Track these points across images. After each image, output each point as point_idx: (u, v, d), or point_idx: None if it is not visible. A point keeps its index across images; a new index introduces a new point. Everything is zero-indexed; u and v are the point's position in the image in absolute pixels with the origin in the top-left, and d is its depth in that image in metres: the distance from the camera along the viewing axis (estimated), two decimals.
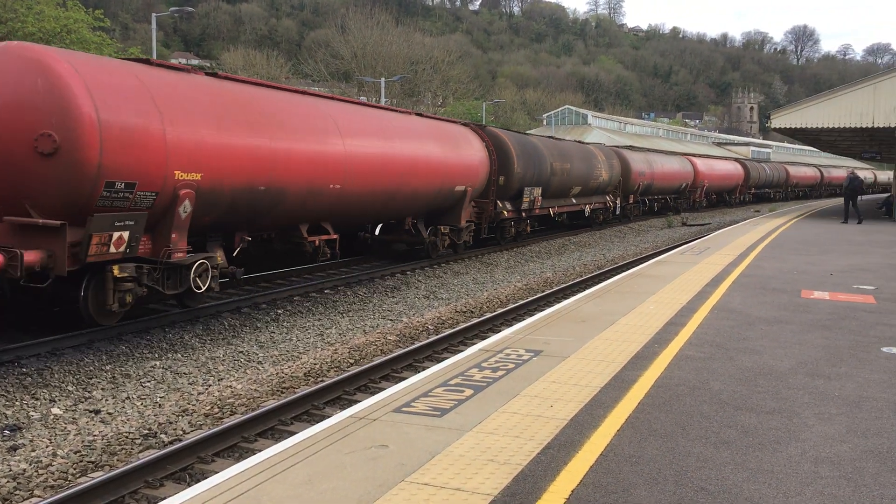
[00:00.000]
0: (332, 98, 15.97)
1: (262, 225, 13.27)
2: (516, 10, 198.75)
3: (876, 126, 29.90)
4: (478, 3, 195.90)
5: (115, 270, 10.08)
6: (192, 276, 11.08)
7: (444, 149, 18.40)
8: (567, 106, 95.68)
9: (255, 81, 14.27)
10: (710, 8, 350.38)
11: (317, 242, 14.56)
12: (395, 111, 18.74)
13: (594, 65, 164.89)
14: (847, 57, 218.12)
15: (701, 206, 47.62)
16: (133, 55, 37.51)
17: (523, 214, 24.00)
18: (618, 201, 33.72)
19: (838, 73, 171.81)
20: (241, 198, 11.86)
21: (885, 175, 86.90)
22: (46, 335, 10.21)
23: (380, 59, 62.54)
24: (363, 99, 57.11)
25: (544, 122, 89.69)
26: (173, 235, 10.71)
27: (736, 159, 61.92)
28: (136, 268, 10.35)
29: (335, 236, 15.04)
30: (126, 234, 9.91)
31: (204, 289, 11.33)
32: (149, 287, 10.63)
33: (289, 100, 13.70)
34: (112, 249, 9.80)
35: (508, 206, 22.81)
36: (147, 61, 11.71)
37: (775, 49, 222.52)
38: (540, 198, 24.63)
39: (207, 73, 12.75)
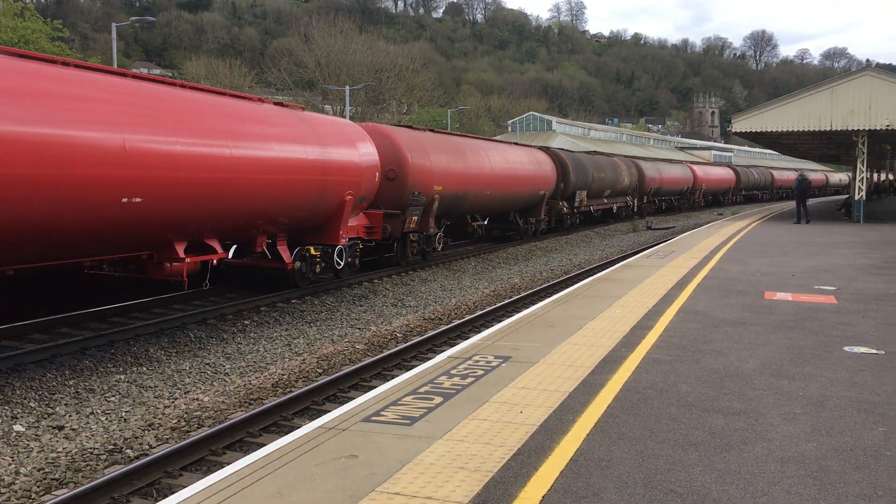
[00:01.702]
0: (480, 138, 27.94)
1: (452, 215, 22.56)
2: (479, 17, 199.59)
3: (834, 129, 30.49)
4: (441, 10, 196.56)
5: (412, 237, 19.88)
6: (436, 241, 21.21)
7: (533, 165, 27.78)
8: (531, 112, 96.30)
9: (452, 133, 26.26)
10: (671, 14, 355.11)
11: (475, 225, 24.43)
12: (505, 143, 28.64)
13: (557, 71, 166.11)
14: (805, 61, 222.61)
15: (699, 206, 56.26)
16: (94, 64, 36.99)
17: (574, 210, 32.57)
18: (635, 201, 42.02)
19: (796, 78, 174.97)
20: (452, 199, 21.32)
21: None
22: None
23: (344, 67, 62.33)
24: (327, 108, 56.99)
25: (509, 129, 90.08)
26: (430, 220, 20.35)
27: (729, 165, 70.35)
28: (418, 236, 19.99)
29: (483, 222, 25.28)
30: (416, 218, 19.52)
31: (440, 248, 21.59)
32: (422, 247, 20.55)
33: (467, 140, 24.33)
34: (411, 226, 19.45)
35: (566, 204, 31.42)
36: (410, 127, 22.69)
37: (735, 54, 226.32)
38: (585, 198, 33.32)
39: (429, 130, 23.12)
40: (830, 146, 42.30)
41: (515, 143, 30.22)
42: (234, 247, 14.03)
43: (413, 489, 4.63)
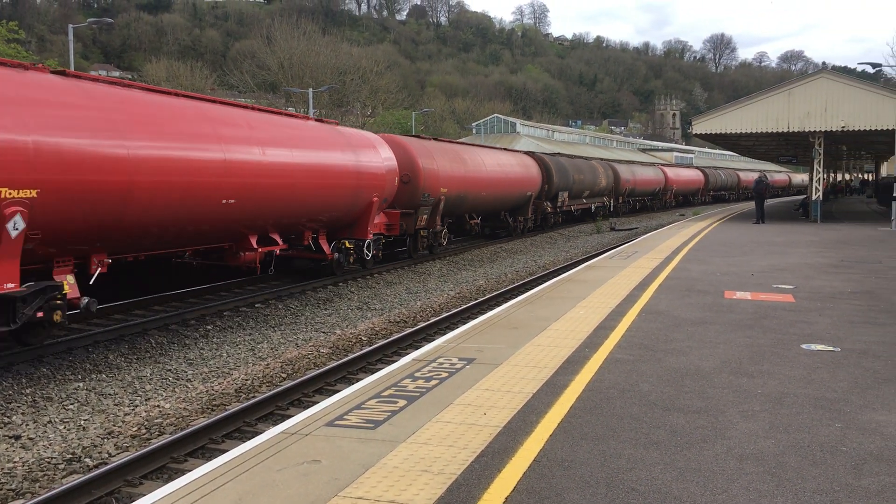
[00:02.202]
0: (476, 145, 31.79)
1: (454, 214, 25.35)
2: (443, 20, 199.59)
3: (791, 131, 31.04)
4: (405, 13, 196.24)
5: (422, 232, 22.47)
6: (442, 237, 23.89)
7: (521, 168, 30.75)
8: (496, 114, 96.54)
9: (457, 141, 31.69)
10: (632, 17, 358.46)
11: (472, 222, 27.32)
12: (497, 149, 32.82)
13: (521, 74, 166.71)
14: (763, 64, 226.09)
15: (671, 205, 59.26)
16: (51, 67, 36.42)
17: (557, 210, 35.45)
18: (612, 201, 45.01)
19: (755, 80, 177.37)
20: (455, 199, 24.08)
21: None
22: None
23: (307, 69, 61.99)
24: (291, 109, 56.63)
25: (473, 131, 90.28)
26: (437, 218, 22.99)
27: (698, 167, 74.68)
28: (427, 232, 22.66)
29: (478, 220, 27.78)
30: (426, 217, 22.23)
31: (445, 243, 24.29)
32: (430, 242, 23.33)
33: (466, 147, 28.05)
34: (422, 224, 22.16)
35: (549, 204, 34.26)
36: (419, 136, 25.40)
37: (695, 57, 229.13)
38: (567, 199, 36.20)
39: (433, 139, 26.25)
40: (788, 147, 43.04)
41: (505, 149, 33.78)
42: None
43: (376, 493, 4.61)
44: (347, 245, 17.99)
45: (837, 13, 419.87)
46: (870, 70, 39.68)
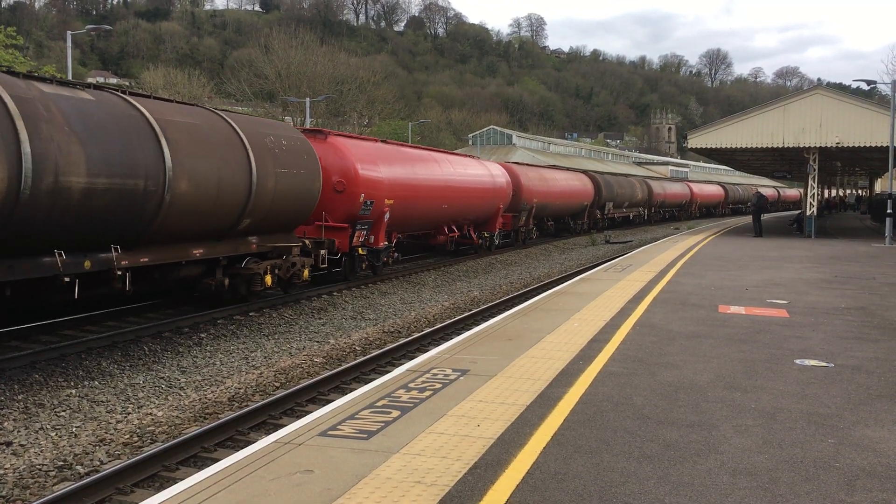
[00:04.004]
0: (552, 167, 41.19)
1: (538, 217, 34.68)
2: (441, 31, 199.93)
3: (786, 146, 31.17)
4: (403, 24, 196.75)
5: (521, 229, 33.07)
6: (532, 233, 34.43)
7: (580, 184, 40.05)
8: (492, 126, 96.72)
9: (539, 166, 40.51)
10: (629, 31, 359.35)
11: (549, 224, 37.19)
12: (565, 169, 42.53)
13: (518, 86, 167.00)
14: (758, 80, 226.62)
15: (696, 216, 66.80)
16: (48, 73, 36.43)
17: (605, 216, 44.34)
18: (646, 211, 54.32)
19: (750, 95, 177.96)
20: (541, 207, 34.14)
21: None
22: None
23: (304, 78, 62.06)
24: (288, 119, 56.65)
25: (470, 143, 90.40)
26: (530, 220, 33.62)
27: (719, 183, 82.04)
28: (524, 229, 33.60)
29: (552, 223, 37.92)
30: (524, 219, 32.85)
31: (535, 237, 34.94)
32: (524, 237, 34.07)
33: (546, 169, 38.13)
34: (521, 223, 32.85)
35: (599, 212, 43.52)
36: (517, 163, 36.31)
37: (691, 72, 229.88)
38: (612, 208, 45.20)
39: (525, 164, 37.64)
40: (783, 162, 43.19)
41: (567, 169, 43.80)
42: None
43: None
44: (486, 235, 28.09)
45: (833, 30, 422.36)
46: (864, 87, 39.83)
